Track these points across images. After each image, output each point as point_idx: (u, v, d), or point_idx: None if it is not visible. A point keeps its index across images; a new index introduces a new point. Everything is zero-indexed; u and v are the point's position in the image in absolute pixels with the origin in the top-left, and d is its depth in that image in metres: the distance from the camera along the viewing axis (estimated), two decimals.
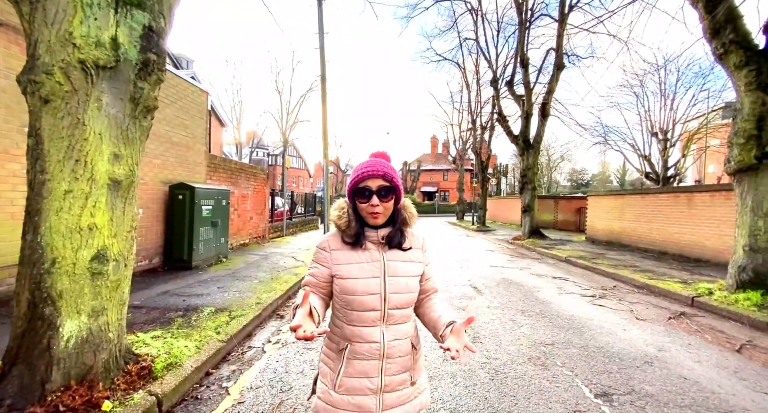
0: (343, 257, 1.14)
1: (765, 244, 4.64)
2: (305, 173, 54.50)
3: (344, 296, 1.12)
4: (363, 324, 1.11)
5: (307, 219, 15.25)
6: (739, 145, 4.86)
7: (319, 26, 9.64)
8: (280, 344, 3.39)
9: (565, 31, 11.88)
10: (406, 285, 1.15)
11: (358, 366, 1.10)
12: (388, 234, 1.16)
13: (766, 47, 4.79)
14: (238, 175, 8.80)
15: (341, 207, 1.19)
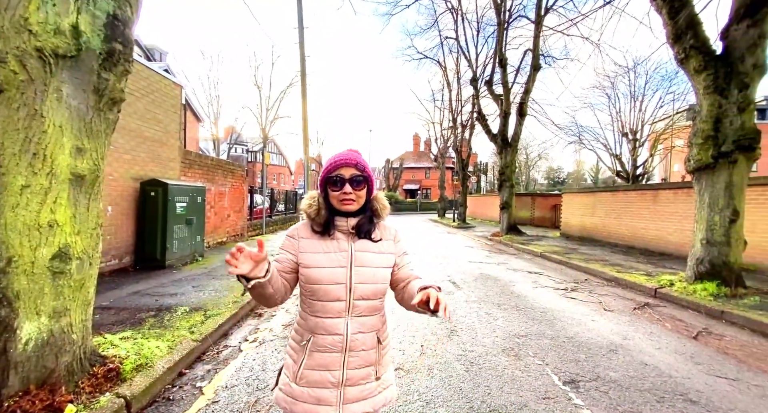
0: (310, 246, 1.13)
1: (720, 238, 4.97)
2: (286, 170, 53.63)
3: (309, 285, 1.10)
4: (327, 315, 1.09)
5: (288, 217, 15.04)
6: (698, 145, 5.17)
7: (298, 21, 9.48)
8: (258, 342, 3.35)
9: (542, 33, 12.23)
10: (373, 275, 1.13)
11: (320, 358, 1.09)
12: (357, 223, 1.16)
13: (723, 53, 5.11)
14: (214, 171, 8.56)
15: (312, 197, 1.19)
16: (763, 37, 4.82)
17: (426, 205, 42.65)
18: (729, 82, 4.95)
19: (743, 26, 4.87)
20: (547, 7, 11.81)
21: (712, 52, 5.16)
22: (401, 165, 47.74)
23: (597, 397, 2.51)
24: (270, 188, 14.74)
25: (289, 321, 3.95)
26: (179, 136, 7.36)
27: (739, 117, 4.89)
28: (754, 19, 4.79)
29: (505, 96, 13.62)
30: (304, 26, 9.46)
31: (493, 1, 13.28)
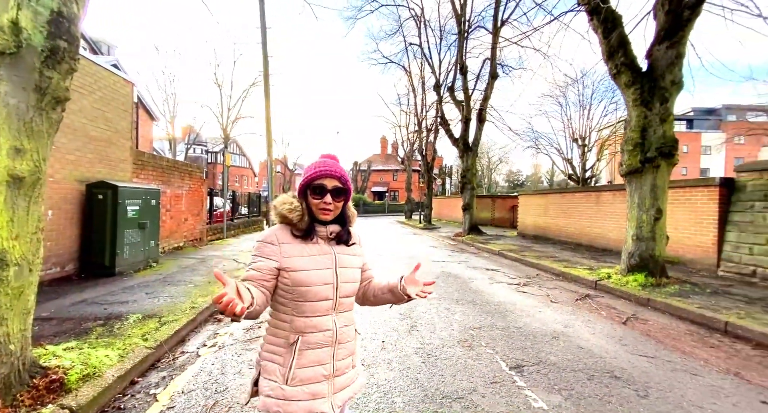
0: (294, 250, 1.15)
1: (647, 234, 5.60)
2: (249, 172, 51.83)
3: (297, 288, 1.13)
4: (316, 314, 1.14)
5: (251, 220, 14.59)
6: (628, 151, 5.80)
7: (261, 21, 9.33)
8: (217, 347, 3.30)
9: (498, 44, 12.95)
10: (353, 275, 1.24)
11: (312, 355, 1.13)
12: (338, 232, 1.23)
13: (648, 70, 5.77)
14: (170, 173, 8.16)
15: (290, 201, 1.20)
16: (679, 57, 5.52)
17: (394, 206, 43.12)
18: (653, 96, 5.61)
19: (663, 47, 5.55)
20: (503, 20, 12.55)
21: (639, 69, 5.82)
22: (369, 167, 47.92)
23: (538, 379, 2.78)
24: (232, 190, 14.22)
25: (250, 325, 3.91)
26: (131, 136, 6.95)
27: (661, 127, 5.56)
28: (672, 41, 5.48)
29: (466, 102, 14.24)
30: (266, 26, 9.32)
31: (453, 11, 13.87)
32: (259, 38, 9.74)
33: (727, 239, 6.32)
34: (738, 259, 6.07)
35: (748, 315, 4.02)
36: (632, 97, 5.77)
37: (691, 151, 40.22)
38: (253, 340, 3.46)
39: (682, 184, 7.33)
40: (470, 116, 14.23)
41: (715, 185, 6.55)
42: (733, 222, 6.25)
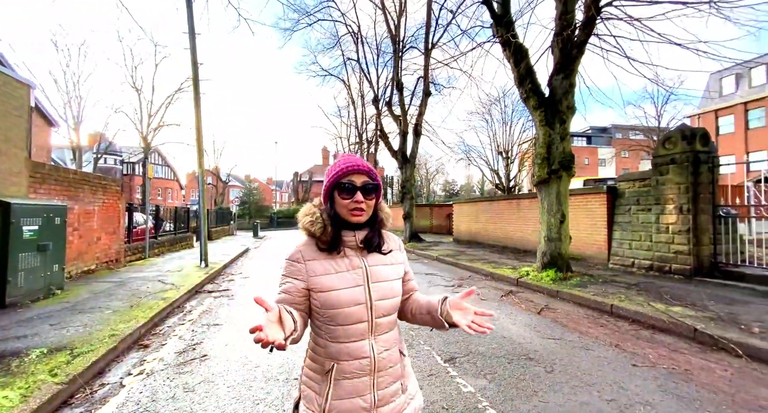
0: (321, 267, 1.04)
1: (555, 235, 6.54)
2: (175, 184, 47.21)
3: (327, 311, 1.02)
4: (350, 339, 1.02)
5: (178, 237, 13.33)
6: (538, 165, 6.76)
7: (189, 25, 8.86)
8: (145, 374, 3.05)
9: (430, 65, 14.01)
10: (391, 289, 1.09)
11: (348, 386, 1.01)
12: (366, 237, 1.08)
13: (549, 96, 6.83)
14: (79, 187, 7.19)
15: (311, 212, 1.09)
16: (572, 86, 6.65)
17: None
18: (554, 118, 6.65)
19: (560, 77, 6.64)
20: (433, 43, 13.64)
21: (543, 95, 6.87)
22: (311, 178, 47.04)
23: (468, 368, 3.12)
24: (155, 205, 12.88)
25: (183, 347, 3.67)
26: (26, 145, 6.03)
27: (562, 144, 6.60)
28: (565, 73, 6.59)
29: (402, 117, 15.02)
30: (196, 32, 8.86)
31: (388, 31, 14.67)
32: (187, 43, 9.22)
33: (613, 237, 7.66)
34: (622, 253, 7.39)
35: (626, 298, 4.95)
36: (538, 118, 6.77)
37: (591, 163, 47.18)
38: (187, 363, 3.27)
39: (580, 192, 8.69)
40: (407, 130, 15.02)
41: (603, 192, 7.92)
42: (617, 223, 7.61)
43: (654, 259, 6.68)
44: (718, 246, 6.05)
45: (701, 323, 3.82)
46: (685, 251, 6.16)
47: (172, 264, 8.89)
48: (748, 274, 5.56)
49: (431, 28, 13.25)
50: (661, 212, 6.58)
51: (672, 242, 6.38)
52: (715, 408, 2.44)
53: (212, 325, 4.44)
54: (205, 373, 3.07)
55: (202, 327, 4.38)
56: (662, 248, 6.54)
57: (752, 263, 5.74)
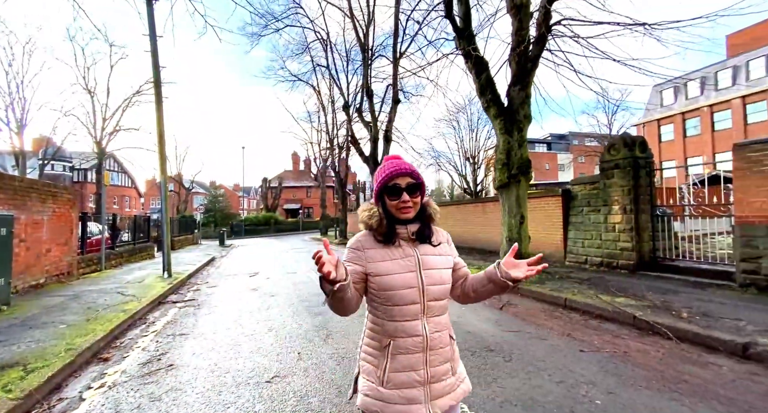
0: (378, 255, 1.17)
1: (515, 235, 6.97)
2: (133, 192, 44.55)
3: (383, 292, 1.15)
4: (405, 318, 1.13)
5: (137, 247, 12.62)
6: (499, 170, 7.19)
7: (149, 28, 8.57)
8: (107, 387, 2.95)
9: (399, 73, 14.39)
10: (441, 277, 1.20)
11: (404, 360, 1.12)
12: (418, 230, 1.21)
13: (508, 105, 7.30)
14: (26, 195, 6.70)
15: (369, 208, 1.23)
16: (527, 97, 7.16)
17: (309, 224, 42.16)
18: (513, 126, 7.12)
19: (517, 89, 7.14)
20: (401, 52, 14.05)
21: (503, 104, 7.33)
22: (280, 184, 46.11)
23: None
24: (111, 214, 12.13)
25: (147, 358, 3.57)
26: None
27: (520, 150, 7.07)
28: (522, 84, 7.09)
29: (373, 123, 15.27)
30: (157, 35, 8.57)
31: (357, 40, 14.93)
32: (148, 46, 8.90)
33: (569, 236, 8.26)
34: (576, 251, 7.98)
35: (579, 292, 5.39)
36: (498, 126, 7.22)
37: (551, 168, 50.02)
38: (152, 373, 3.19)
39: (539, 195, 9.29)
40: (378, 136, 15.28)
41: (558, 195, 8.53)
42: (572, 223, 8.22)
43: (604, 256, 7.29)
44: (657, 243, 6.74)
45: (640, 311, 4.27)
46: (629, 248, 6.80)
47: (132, 276, 8.44)
48: (681, 267, 6.24)
49: (399, 38, 13.65)
50: (609, 212, 7.22)
51: (618, 240, 7.02)
52: (646, 383, 2.78)
53: (178, 335, 4.32)
54: (172, 382, 3.02)
55: (167, 337, 4.26)
56: (610, 245, 7.16)
57: (685, 257, 6.45)
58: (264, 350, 3.73)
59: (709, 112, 27.80)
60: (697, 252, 6.43)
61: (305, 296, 6.32)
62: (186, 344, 3.99)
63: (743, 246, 5.05)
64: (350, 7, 14.50)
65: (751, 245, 4.96)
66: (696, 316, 3.99)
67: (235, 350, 3.75)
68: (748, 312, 4.06)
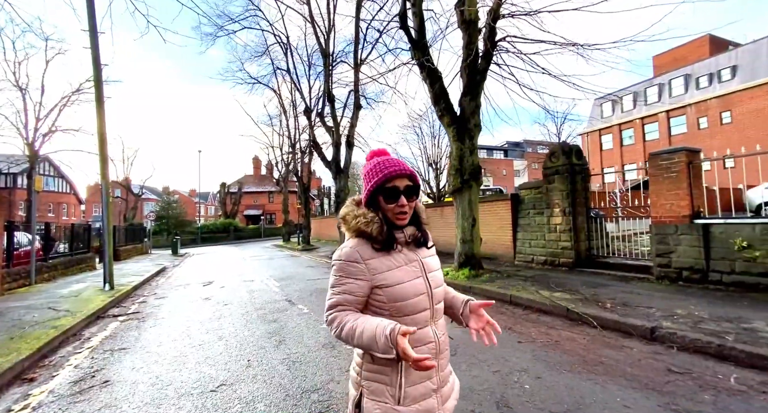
0: (382, 265, 1.08)
1: (468, 238, 7.35)
2: (72, 198, 40.65)
3: (393, 304, 1.07)
4: (417, 326, 1.06)
5: (75, 258, 11.54)
6: (452, 175, 7.55)
7: (89, 23, 8.03)
8: (31, 408, 2.73)
9: (360, 79, 14.59)
10: (440, 278, 1.18)
11: (420, 371, 1.03)
12: (414, 234, 1.15)
13: (460, 114, 7.71)
14: None
15: (363, 213, 1.10)
16: (477, 107, 7.61)
17: (271, 230, 40.86)
18: (464, 134, 7.53)
19: (467, 99, 7.57)
20: (362, 59, 14.27)
21: (455, 114, 7.73)
22: (240, 189, 44.33)
23: None
24: (44, 222, 11.01)
25: (79, 376, 3.33)
26: None
27: (471, 157, 7.49)
28: (472, 95, 7.53)
29: (335, 128, 15.30)
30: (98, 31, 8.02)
31: (318, 45, 14.95)
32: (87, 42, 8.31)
33: (518, 238, 8.83)
34: (524, 251, 8.56)
35: (523, 288, 5.81)
36: (452, 134, 7.60)
37: (509, 174, 52.79)
38: (84, 392, 3.00)
39: (491, 199, 9.85)
40: (340, 141, 15.32)
41: (508, 199, 9.11)
42: (520, 225, 8.81)
43: (547, 255, 7.89)
44: (592, 242, 7.43)
45: (572, 304, 4.71)
46: (569, 247, 7.43)
47: (68, 289, 7.74)
48: (611, 263, 6.93)
49: (360, 45, 13.88)
50: (551, 215, 7.84)
51: (559, 240, 7.64)
52: (570, 367, 3.10)
53: (117, 350, 4.07)
54: (107, 399, 2.86)
55: (104, 353, 3.99)
56: (553, 245, 7.77)
57: (615, 254, 7.17)
58: (212, 360, 3.63)
59: (641, 124, 31.03)
60: (625, 249, 7.17)
61: (260, 304, 6.19)
62: (125, 359, 3.77)
63: (658, 243, 5.74)
64: (311, 13, 14.52)
65: (664, 242, 5.66)
66: (617, 306, 4.49)
67: (180, 361, 3.62)
68: (659, 301, 4.63)
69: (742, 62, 24.46)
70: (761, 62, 23.50)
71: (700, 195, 5.41)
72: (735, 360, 2.99)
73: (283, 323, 4.90)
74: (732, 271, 4.87)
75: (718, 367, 2.94)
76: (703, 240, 5.15)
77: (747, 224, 4.75)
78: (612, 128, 33.59)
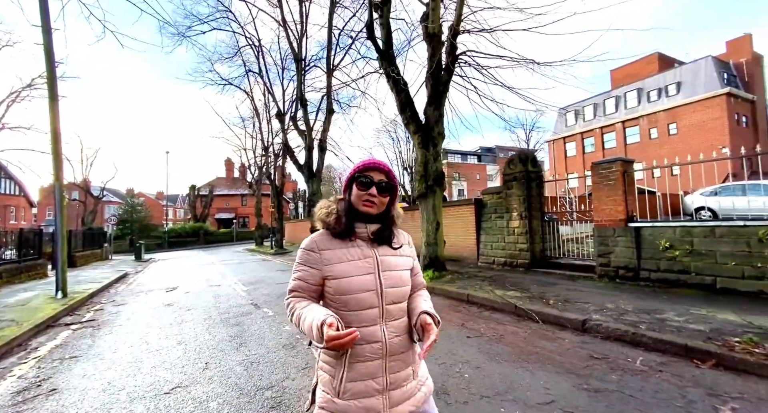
0: (334, 256, 1.11)
1: (433, 240, 7.66)
2: (22, 201, 37.76)
3: (340, 297, 1.09)
4: (362, 324, 1.07)
5: (24, 265, 10.81)
6: (418, 180, 7.87)
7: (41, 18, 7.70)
8: None
9: (333, 84, 14.75)
10: (400, 278, 1.16)
11: (362, 368, 1.07)
12: (378, 230, 1.16)
13: (425, 123, 8.06)
14: None
15: (327, 205, 1.18)
16: (441, 116, 7.99)
17: (244, 234, 39.76)
18: (429, 142, 7.87)
19: (432, 108, 7.93)
20: (335, 65, 14.45)
21: (420, 122, 8.06)
22: (211, 192, 42.97)
23: None
24: None
25: (23, 386, 3.25)
26: None
27: (435, 164, 7.84)
28: (436, 104, 7.90)
29: (308, 132, 15.32)
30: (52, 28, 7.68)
31: (291, 49, 14.97)
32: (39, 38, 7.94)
33: (481, 240, 9.28)
34: (487, 253, 9.00)
35: (480, 288, 6.16)
36: (417, 141, 7.92)
37: (482, 178, 54.50)
38: (28, 401, 2.95)
39: (456, 203, 10.27)
40: (313, 145, 15.35)
41: (472, 203, 9.56)
42: (483, 228, 9.26)
43: (507, 256, 8.36)
44: (546, 244, 7.96)
45: (520, 301, 5.08)
46: (525, 248, 7.92)
47: (15, 298, 7.31)
48: (562, 263, 7.46)
49: (332, 51, 14.06)
50: (510, 218, 8.33)
51: (517, 242, 8.12)
52: (508, 357, 3.40)
53: (68, 359, 3.97)
54: (53, 407, 2.84)
55: (52, 362, 3.88)
56: (511, 247, 8.25)
57: (567, 255, 7.72)
58: (169, 363, 3.64)
59: (601, 133, 33.14)
60: (576, 250, 7.75)
61: (225, 308, 6.16)
62: (76, 367, 3.70)
63: (599, 244, 6.29)
64: (283, 17, 14.53)
65: (604, 243, 6.21)
66: (559, 302, 4.90)
67: (136, 367, 3.60)
68: (595, 297, 5.10)
69: (685, 79, 26.83)
70: (700, 80, 25.90)
71: (634, 201, 6.01)
72: (645, 345, 3.41)
73: (245, 326, 4.93)
74: (658, 269, 5.44)
75: (630, 352, 3.35)
76: (635, 241, 5.72)
77: (669, 227, 5.35)
78: (575, 136, 35.61)
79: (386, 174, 1.17)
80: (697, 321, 3.73)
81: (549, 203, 8.49)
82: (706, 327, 3.55)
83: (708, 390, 2.61)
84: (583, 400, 2.56)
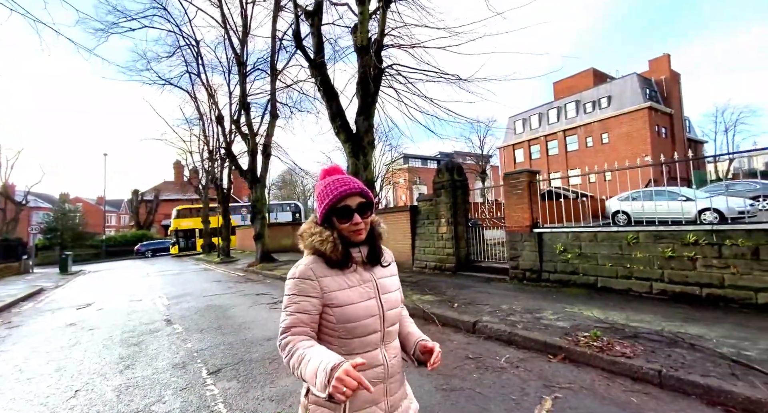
0: (334, 283, 1.07)
1: None
2: None
3: (344, 325, 1.05)
4: (366, 349, 1.06)
5: None
6: None
7: None
8: None
9: (276, 88, 14.49)
10: (396, 299, 1.16)
11: (365, 395, 1.01)
12: (369, 252, 1.14)
13: (355, 132, 8.19)
14: None
15: (319, 232, 1.10)
16: (371, 126, 8.18)
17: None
18: (359, 151, 8.01)
19: (362, 118, 8.09)
20: (278, 69, 14.22)
21: (351, 131, 8.19)
22: (157, 197, 40.22)
23: (228, 374, 3.53)
24: None
25: None
26: None
27: (365, 172, 7.99)
28: (366, 114, 8.07)
29: (251, 136, 14.89)
30: None
31: (233, 52, 14.54)
32: None
33: (415, 245, 9.58)
34: (420, 258, 9.31)
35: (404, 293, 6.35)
36: (347, 150, 8.03)
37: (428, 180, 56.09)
38: None
39: (395, 210, 10.53)
40: (256, 149, 14.94)
41: (407, 210, 9.85)
42: (417, 234, 9.56)
43: (437, 261, 8.70)
44: (471, 248, 8.39)
45: (429, 305, 5.32)
46: (452, 253, 8.30)
47: None
48: (483, 266, 7.92)
49: (276, 55, 13.83)
50: (439, 224, 8.69)
51: (445, 247, 8.49)
52: None
53: None
54: None
55: None
56: (440, 251, 8.60)
57: (488, 259, 8.20)
58: (33, 394, 3.37)
59: (545, 141, 35.56)
60: (498, 254, 8.25)
61: (132, 326, 5.81)
62: None
63: (510, 248, 6.77)
64: (224, 18, 14.07)
65: (514, 248, 6.69)
66: (463, 305, 5.20)
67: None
68: (497, 298, 5.47)
69: (615, 93, 29.65)
70: (626, 95, 28.76)
71: (537, 209, 6.54)
72: (516, 343, 3.74)
73: (145, 346, 4.69)
74: (555, 271, 5.97)
75: (503, 351, 3.65)
76: (538, 246, 6.23)
77: (563, 232, 5.90)
78: (522, 143, 37.87)
79: (360, 194, 1.10)
80: (565, 319, 4.14)
81: (474, 210, 8.96)
82: (570, 323, 3.96)
83: (546, 382, 2.92)
84: (435, 400, 2.75)
